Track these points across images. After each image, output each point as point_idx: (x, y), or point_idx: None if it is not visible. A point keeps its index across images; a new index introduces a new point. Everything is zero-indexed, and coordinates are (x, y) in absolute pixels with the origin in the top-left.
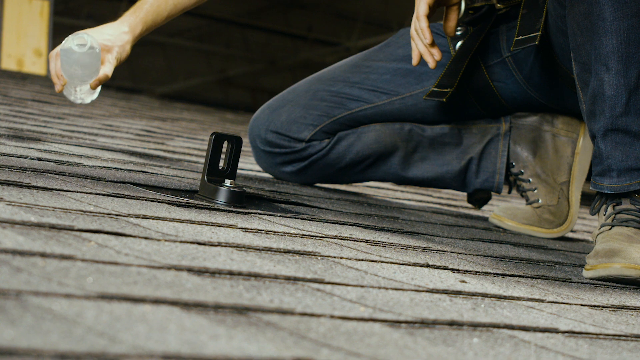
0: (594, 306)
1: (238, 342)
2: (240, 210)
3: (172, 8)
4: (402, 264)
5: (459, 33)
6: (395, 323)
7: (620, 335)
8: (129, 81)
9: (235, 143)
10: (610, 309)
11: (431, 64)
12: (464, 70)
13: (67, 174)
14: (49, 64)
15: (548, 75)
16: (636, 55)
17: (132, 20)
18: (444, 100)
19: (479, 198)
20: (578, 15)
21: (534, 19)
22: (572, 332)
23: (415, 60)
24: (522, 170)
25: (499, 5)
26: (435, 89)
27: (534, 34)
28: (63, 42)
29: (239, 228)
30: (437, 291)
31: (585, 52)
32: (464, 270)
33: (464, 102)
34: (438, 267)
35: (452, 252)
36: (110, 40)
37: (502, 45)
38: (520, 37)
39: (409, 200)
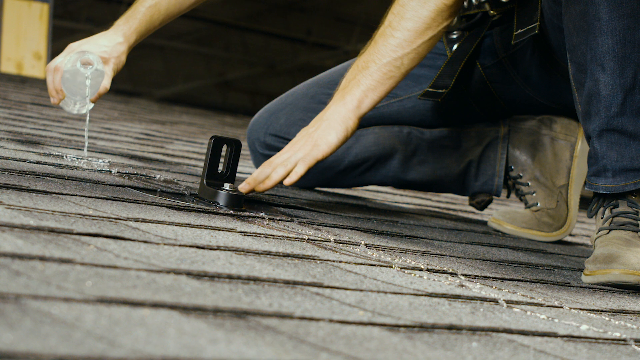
0: (593, 310)
1: (237, 346)
2: (240, 213)
3: (165, 17)
4: (401, 268)
5: (454, 37)
6: (394, 327)
7: (619, 340)
8: (128, 84)
9: (235, 146)
10: (609, 313)
11: None
12: (462, 73)
13: (66, 178)
14: (47, 77)
15: (545, 73)
16: (632, 56)
17: (126, 29)
18: (439, 100)
19: (480, 201)
20: (574, 16)
21: (530, 14)
22: (571, 337)
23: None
24: (521, 174)
25: (492, 12)
26: (430, 89)
27: (533, 25)
28: (64, 58)
29: (238, 232)
30: (436, 295)
31: (581, 52)
32: (463, 274)
33: (463, 104)
34: (437, 271)
35: (451, 256)
36: (106, 52)
37: (498, 47)
38: (519, 31)
39: (407, 204)
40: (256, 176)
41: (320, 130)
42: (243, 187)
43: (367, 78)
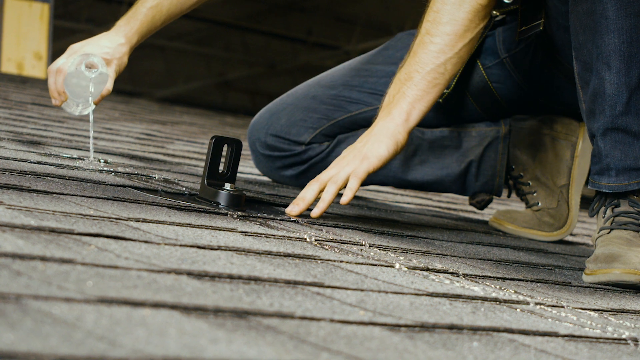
0: (594, 310)
1: (238, 346)
2: (240, 213)
3: (166, 17)
4: (402, 268)
5: None
6: (395, 327)
7: (620, 339)
8: (128, 84)
9: (235, 146)
10: (610, 313)
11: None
12: (463, 73)
13: (67, 178)
14: (49, 78)
15: (547, 73)
16: (638, 55)
17: (128, 30)
18: (440, 100)
19: (480, 200)
20: (581, 14)
21: (534, 12)
22: (572, 336)
23: (289, 209)
24: (522, 174)
25: (495, 12)
26: None
27: (538, 22)
28: (67, 59)
29: (239, 232)
30: (437, 295)
31: (587, 50)
32: (464, 274)
33: (464, 104)
34: (438, 271)
35: (451, 256)
36: (109, 53)
37: (499, 47)
38: (523, 28)
39: (408, 203)
40: (304, 196)
41: (369, 145)
42: (292, 210)
43: (412, 89)
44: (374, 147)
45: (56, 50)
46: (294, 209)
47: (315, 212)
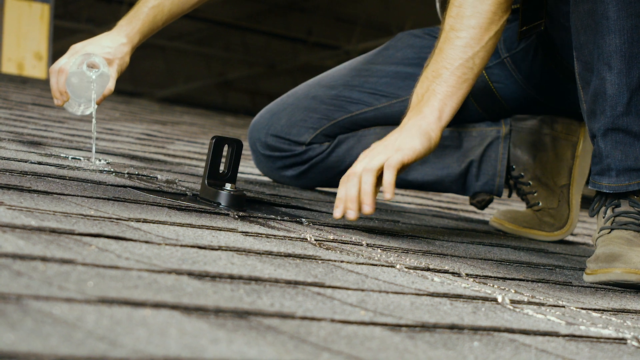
0: (595, 310)
1: (238, 346)
2: (241, 213)
3: (168, 17)
4: (403, 268)
5: None
6: (396, 327)
7: (620, 339)
8: (129, 85)
9: (236, 147)
10: (611, 313)
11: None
12: None
13: (67, 178)
14: (50, 79)
15: (548, 74)
16: (639, 55)
17: (129, 30)
18: None
19: (481, 200)
20: (582, 14)
21: (535, 11)
22: (572, 336)
23: (337, 214)
24: (522, 174)
25: None
26: None
27: (539, 22)
28: (69, 59)
29: (240, 232)
30: (438, 295)
31: (588, 50)
32: (465, 274)
33: (464, 104)
34: (438, 271)
35: (452, 256)
36: (110, 53)
37: (500, 47)
38: (524, 28)
39: (409, 204)
40: (350, 195)
41: (401, 138)
42: (349, 215)
43: (442, 85)
44: (407, 140)
45: (56, 50)
46: (350, 213)
47: (366, 210)
